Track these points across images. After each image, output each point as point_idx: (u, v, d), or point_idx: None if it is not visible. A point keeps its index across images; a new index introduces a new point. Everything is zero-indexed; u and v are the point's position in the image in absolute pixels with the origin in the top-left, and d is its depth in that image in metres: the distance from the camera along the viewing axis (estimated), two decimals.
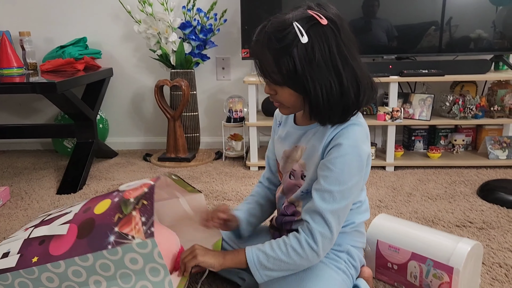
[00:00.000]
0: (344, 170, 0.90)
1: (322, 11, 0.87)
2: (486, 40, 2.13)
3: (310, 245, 0.91)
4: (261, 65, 0.90)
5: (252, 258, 0.94)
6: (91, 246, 0.86)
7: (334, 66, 0.85)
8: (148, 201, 0.88)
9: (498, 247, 1.37)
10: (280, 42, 0.84)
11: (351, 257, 1.06)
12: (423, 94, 2.19)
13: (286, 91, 0.90)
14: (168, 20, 2.26)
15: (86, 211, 0.94)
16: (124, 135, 2.71)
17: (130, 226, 0.86)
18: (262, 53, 0.87)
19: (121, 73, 2.59)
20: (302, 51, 0.83)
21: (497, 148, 2.18)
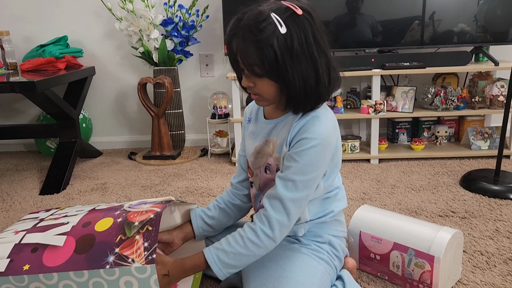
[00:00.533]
0: (309, 162, 0.92)
1: (295, 2, 0.89)
2: (469, 34, 2.15)
3: (266, 234, 0.92)
4: (241, 58, 0.89)
5: (213, 258, 0.94)
6: (89, 263, 0.85)
7: (311, 54, 0.87)
8: (153, 228, 0.88)
9: (479, 235, 1.39)
10: (261, 34, 0.84)
11: (334, 248, 1.07)
12: (406, 86, 2.21)
13: (265, 82, 0.90)
14: (149, 17, 2.24)
15: (86, 226, 0.92)
16: (108, 134, 2.69)
17: (131, 249, 0.86)
18: (243, 45, 0.87)
19: (103, 71, 2.56)
20: (281, 41, 0.84)
21: (479, 138, 2.21)
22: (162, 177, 2.08)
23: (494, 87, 2.14)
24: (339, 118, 2.22)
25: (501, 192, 1.69)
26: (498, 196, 1.68)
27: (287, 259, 1.00)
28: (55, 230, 0.94)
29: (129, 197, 1.85)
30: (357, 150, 2.23)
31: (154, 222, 0.90)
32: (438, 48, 2.23)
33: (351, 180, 1.95)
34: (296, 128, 0.94)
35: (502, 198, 1.66)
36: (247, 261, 0.95)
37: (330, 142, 0.94)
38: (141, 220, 0.90)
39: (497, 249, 1.30)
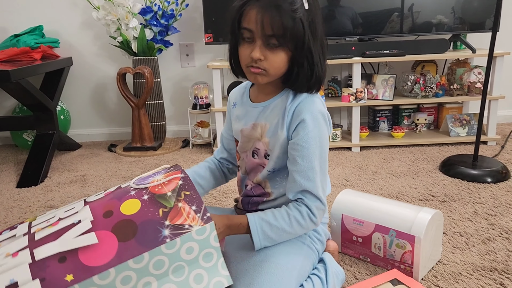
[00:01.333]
0: (317, 144, 0.93)
1: None
2: (447, 25, 2.18)
3: (310, 218, 0.95)
4: (264, 26, 0.85)
5: (256, 227, 0.94)
6: (144, 245, 0.79)
7: (321, 36, 0.91)
8: (190, 191, 0.87)
9: (459, 218, 1.42)
10: (291, 5, 0.85)
11: (317, 232, 1.07)
12: (386, 74, 2.23)
13: (278, 55, 0.89)
14: (127, 5, 2.20)
15: (110, 215, 0.85)
16: (87, 127, 2.64)
17: (182, 217, 0.83)
18: (277, 14, 0.84)
19: (81, 62, 2.51)
20: (305, 17, 0.86)
21: (457, 125, 2.24)
22: (143, 168, 2.06)
23: (472, 74, 2.18)
24: None
25: (479, 176, 1.72)
26: (477, 180, 1.71)
27: None
28: (72, 232, 0.83)
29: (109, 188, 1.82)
30: (338, 139, 2.24)
31: (188, 187, 0.88)
32: (417, 36, 2.26)
33: (333, 168, 1.96)
34: (291, 111, 0.95)
35: (480, 182, 1.70)
36: (285, 238, 0.97)
37: (325, 116, 0.96)
38: (172, 189, 0.87)
39: (475, 230, 1.33)
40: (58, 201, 1.70)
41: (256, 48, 0.88)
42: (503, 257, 1.18)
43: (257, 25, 0.86)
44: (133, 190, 0.89)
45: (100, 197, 0.91)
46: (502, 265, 1.14)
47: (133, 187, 0.90)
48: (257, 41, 0.88)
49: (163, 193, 0.87)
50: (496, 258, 1.17)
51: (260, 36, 0.87)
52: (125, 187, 0.92)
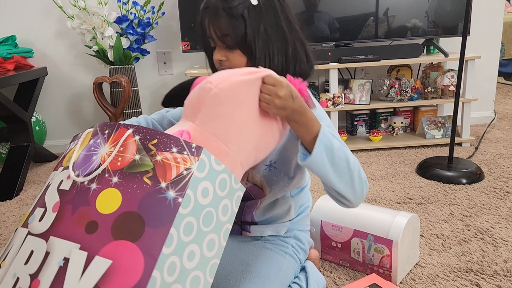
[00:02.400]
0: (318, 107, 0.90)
1: None
2: (421, 28, 2.23)
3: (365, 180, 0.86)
4: (213, 28, 0.88)
5: (328, 133, 0.81)
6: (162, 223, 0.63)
7: (281, 29, 0.88)
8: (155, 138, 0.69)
9: (435, 220, 1.44)
10: (232, 2, 0.84)
11: (299, 241, 1.07)
12: (362, 79, 2.26)
13: (237, 54, 0.88)
14: (102, 14, 2.18)
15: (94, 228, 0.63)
16: (64, 137, 2.59)
17: (172, 168, 0.67)
18: (215, 16, 0.86)
19: (56, 72, 2.47)
20: (252, 13, 0.85)
21: (433, 128, 2.29)
22: None
23: (445, 78, 2.23)
24: None
25: (455, 177, 1.76)
26: (452, 181, 1.75)
27: (250, 253, 1.00)
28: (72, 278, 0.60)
29: None
30: None
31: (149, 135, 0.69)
32: (392, 41, 2.30)
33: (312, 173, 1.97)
34: None
35: (455, 183, 1.73)
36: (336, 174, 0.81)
37: None
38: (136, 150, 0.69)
39: (451, 232, 1.36)
40: None
41: (216, 51, 0.90)
42: (478, 257, 1.20)
43: (208, 31, 0.88)
44: (91, 183, 0.67)
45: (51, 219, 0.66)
46: (477, 265, 1.17)
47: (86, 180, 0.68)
48: (217, 45, 0.90)
49: (129, 161, 0.68)
50: (472, 259, 1.20)
51: (215, 39, 0.89)
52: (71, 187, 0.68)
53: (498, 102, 3.11)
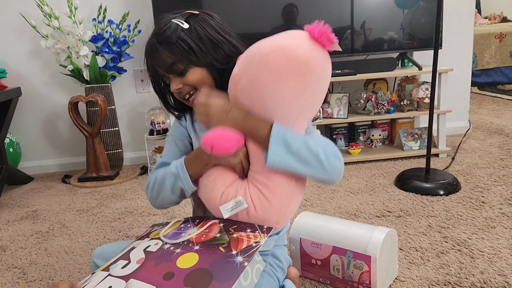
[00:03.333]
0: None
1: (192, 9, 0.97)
2: (397, 41, 2.27)
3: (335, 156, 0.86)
4: (158, 65, 0.93)
5: (278, 130, 0.83)
6: (227, 279, 0.74)
7: (224, 36, 0.94)
8: (235, 224, 0.87)
9: (414, 232, 1.45)
10: (166, 33, 0.90)
11: (277, 259, 1.07)
12: (339, 93, 2.28)
13: (192, 73, 0.93)
14: (77, 33, 2.15)
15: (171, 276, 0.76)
16: (39, 158, 2.54)
17: (244, 241, 0.81)
18: (156, 52, 0.92)
19: (31, 92, 2.42)
20: (188, 33, 0.91)
21: (410, 139, 2.32)
22: (99, 199, 1.99)
23: (420, 90, 2.27)
24: None
25: (432, 189, 1.77)
26: (429, 193, 1.76)
27: None
28: None
29: (63, 223, 1.75)
30: None
31: (231, 223, 0.87)
32: (367, 56, 2.34)
33: None
34: None
35: (433, 194, 1.75)
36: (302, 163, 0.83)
37: None
38: (218, 231, 0.86)
39: (430, 244, 1.36)
40: (7, 241, 1.61)
41: (171, 83, 0.95)
42: (456, 269, 1.21)
43: (158, 68, 0.94)
44: (177, 248, 0.82)
45: (134, 268, 0.79)
46: (455, 277, 1.17)
47: (171, 244, 0.84)
48: (168, 77, 0.95)
49: (212, 237, 0.84)
50: (450, 271, 1.21)
51: (164, 73, 0.94)
52: (158, 250, 0.83)
53: (472, 112, 3.18)
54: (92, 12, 2.33)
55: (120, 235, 1.60)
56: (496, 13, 5.21)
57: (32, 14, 2.25)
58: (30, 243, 1.59)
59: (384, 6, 2.24)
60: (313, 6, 2.22)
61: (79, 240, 1.59)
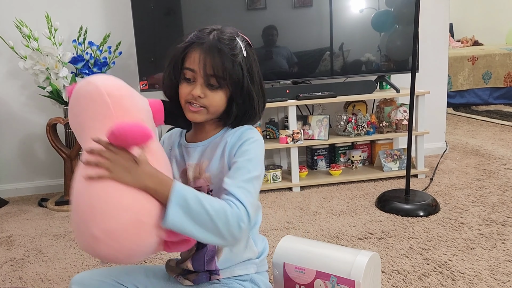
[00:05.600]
0: (252, 157, 0.93)
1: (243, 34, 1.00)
2: (374, 63, 2.33)
3: (239, 220, 0.82)
4: (206, 67, 0.92)
5: (179, 189, 0.80)
6: None
7: (260, 79, 0.99)
8: None
9: (396, 254, 1.46)
10: (232, 50, 0.93)
11: (256, 285, 1.05)
12: (320, 115, 2.31)
13: (218, 94, 0.94)
14: (57, 54, 2.13)
15: None
16: (14, 181, 2.47)
17: None
18: (217, 56, 0.92)
19: (7, 113, 2.37)
20: (244, 62, 0.94)
21: (389, 160, 2.36)
22: None
23: (398, 112, 2.32)
24: None
25: (412, 210, 1.80)
26: (410, 214, 1.78)
27: None
28: None
29: (39, 249, 1.69)
30: (279, 180, 2.27)
31: None
32: (346, 78, 2.38)
33: (275, 210, 1.96)
34: (234, 138, 0.96)
35: (413, 216, 1.77)
36: (201, 227, 0.80)
37: (263, 145, 0.99)
38: None
39: (412, 266, 1.37)
40: None
41: (197, 86, 0.93)
42: None
43: (199, 65, 0.92)
44: None
45: None
46: None
47: None
48: (198, 80, 0.93)
49: None
50: None
51: (202, 75, 0.92)
52: None
53: (448, 133, 3.26)
54: (72, 33, 2.31)
55: (98, 261, 1.55)
56: (468, 36, 5.41)
57: (10, 35, 2.22)
58: (4, 271, 1.53)
59: (361, 29, 2.30)
60: (293, 28, 2.27)
61: (56, 267, 1.54)
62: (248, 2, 2.23)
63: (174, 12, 2.23)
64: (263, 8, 2.26)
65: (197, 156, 1.01)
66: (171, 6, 2.22)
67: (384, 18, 2.33)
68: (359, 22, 2.30)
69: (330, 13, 2.26)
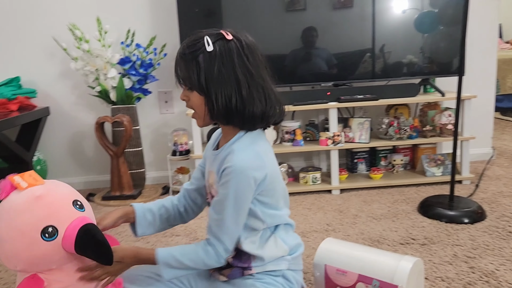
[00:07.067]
0: (229, 196, 0.95)
1: (230, 30, 0.99)
2: (417, 65, 2.29)
3: (216, 260, 0.99)
4: (175, 72, 0.99)
5: (163, 260, 0.99)
6: None
7: (234, 74, 0.95)
8: None
9: (439, 261, 1.43)
10: (189, 49, 0.96)
11: (288, 281, 1.07)
12: (361, 118, 2.29)
13: (195, 95, 0.98)
14: (106, 56, 2.23)
15: None
16: (64, 176, 2.59)
17: None
18: (177, 61, 0.98)
19: (59, 111, 2.50)
20: (206, 58, 0.94)
21: (432, 165, 2.30)
22: None
23: (443, 117, 2.26)
24: (299, 150, 2.26)
25: (457, 217, 1.75)
26: (454, 221, 1.74)
27: None
28: None
29: None
30: (318, 182, 2.27)
31: None
32: (389, 81, 2.35)
33: (314, 212, 1.97)
34: (222, 158, 0.99)
35: (457, 222, 1.73)
36: (190, 269, 1.01)
37: (249, 173, 0.95)
38: None
39: (456, 274, 1.34)
40: None
41: (181, 92, 1.01)
42: None
43: (175, 73, 1.00)
44: None
45: None
46: None
47: None
48: (181, 86, 1.01)
49: None
50: None
51: (177, 81, 1.00)
52: None
53: (496, 138, 3.14)
54: (120, 35, 2.40)
55: None
56: None
57: (63, 38, 2.34)
58: None
59: (404, 30, 2.26)
60: (333, 29, 2.26)
61: None
62: (287, 3, 2.24)
63: (215, 14, 2.28)
64: (302, 9, 2.26)
65: (213, 164, 1.05)
66: (213, 8, 2.27)
67: (428, 19, 2.28)
68: (401, 23, 2.26)
69: (372, 14, 2.24)
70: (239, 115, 0.96)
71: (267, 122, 1.01)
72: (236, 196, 0.95)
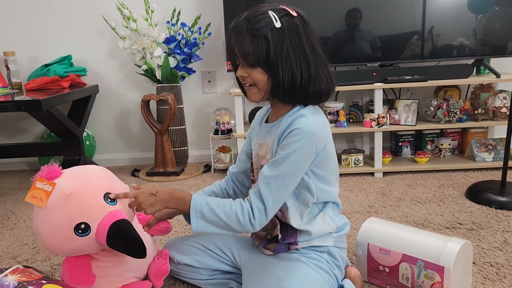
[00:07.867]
0: (290, 155, 0.94)
1: (292, 7, 0.97)
2: (468, 47, 2.17)
3: (249, 217, 0.95)
4: (237, 47, 0.95)
5: (196, 205, 0.97)
6: None
7: (303, 51, 0.95)
8: None
9: (488, 247, 1.38)
10: (257, 24, 0.92)
11: (333, 257, 1.07)
12: (408, 100, 2.22)
13: (258, 71, 0.95)
14: (152, 35, 2.27)
15: None
16: (111, 152, 2.69)
17: None
18: (240, 36, 0.94)
19: (107, 89, 2.58)
20: (275, 34, 0.92)
21: (483, 150, 2.20)
22: None
23: (497, 99, 2.15)
24: (342, 131, 2.23)
25: (508, 203, 1.67)
26: (505, 207, 1.66)
27: (285, 269, 1.01)
28: None
29: None
30: (361, 164, 2.23)
31: None
32: (439, 62, 2.25)
33: (356, 194, 1.94)
34: (285, 125, 0.97)
35: (509, 209, 1.65)
36: (221, 227, 0.97)
37: (315, 138, 0.95)
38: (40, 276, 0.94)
39: (506, 260, 1.29)
40: None
41: (239, 67, 0.98)
42: None
43: (233, 48, 0.96)
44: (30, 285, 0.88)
45: None
46: None
47: None
48: (240, 62, 0.97)
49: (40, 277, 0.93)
50: None
51: (238, 57, 0.96)
52: None
53: None
54: (166, 15, 2.44)
55: (187, 228, 1.66)
56: None
57: (112, 17, 2.40)
58: None
59: (456, 11, 2.14)
60: (379, 11, 2.18)
61: None
62: None
63: None
64: None
65: (266, 136, 1.05)
66: None
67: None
68: (454, 4, 2.15)
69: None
70: (304, 92, 0.96)
71: (327, 99, 1.01)
72: (298, 156, 0.94)
